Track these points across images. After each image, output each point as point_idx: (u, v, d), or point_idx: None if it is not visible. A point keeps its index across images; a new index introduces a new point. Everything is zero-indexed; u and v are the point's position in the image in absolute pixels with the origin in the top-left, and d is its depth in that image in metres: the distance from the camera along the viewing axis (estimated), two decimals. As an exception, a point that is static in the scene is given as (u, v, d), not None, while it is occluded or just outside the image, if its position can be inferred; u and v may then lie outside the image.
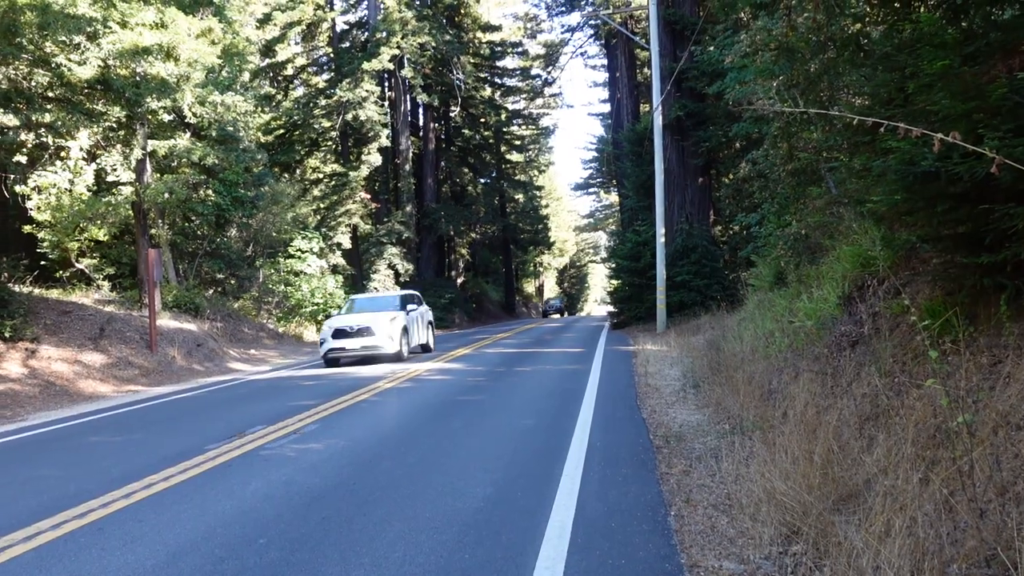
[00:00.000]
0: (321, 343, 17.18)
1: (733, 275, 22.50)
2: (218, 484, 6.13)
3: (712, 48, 18.71)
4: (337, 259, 35.75)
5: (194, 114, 18.19)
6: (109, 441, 8.52)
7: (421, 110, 42.38)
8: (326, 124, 37.39)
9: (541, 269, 76.92)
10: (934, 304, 5.33)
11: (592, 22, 39.62)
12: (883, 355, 5.75)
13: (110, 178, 20.03)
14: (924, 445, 4.31)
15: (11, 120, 13.25)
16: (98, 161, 19.88)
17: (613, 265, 30.16)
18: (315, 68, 42.02)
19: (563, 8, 41.57)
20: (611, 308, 31.90)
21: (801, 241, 11.30)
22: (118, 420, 10.15)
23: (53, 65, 13.30)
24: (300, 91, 40.99)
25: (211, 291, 24.65)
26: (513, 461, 6.67)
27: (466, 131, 45.84)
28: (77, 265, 21.65)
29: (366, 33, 38.66)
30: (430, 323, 20.86)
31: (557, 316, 45.77)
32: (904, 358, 5.55)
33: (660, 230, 22.42)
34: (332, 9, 38.84)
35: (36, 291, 17.38)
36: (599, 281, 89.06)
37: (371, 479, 6.14)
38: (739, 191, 22.58)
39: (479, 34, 44.42)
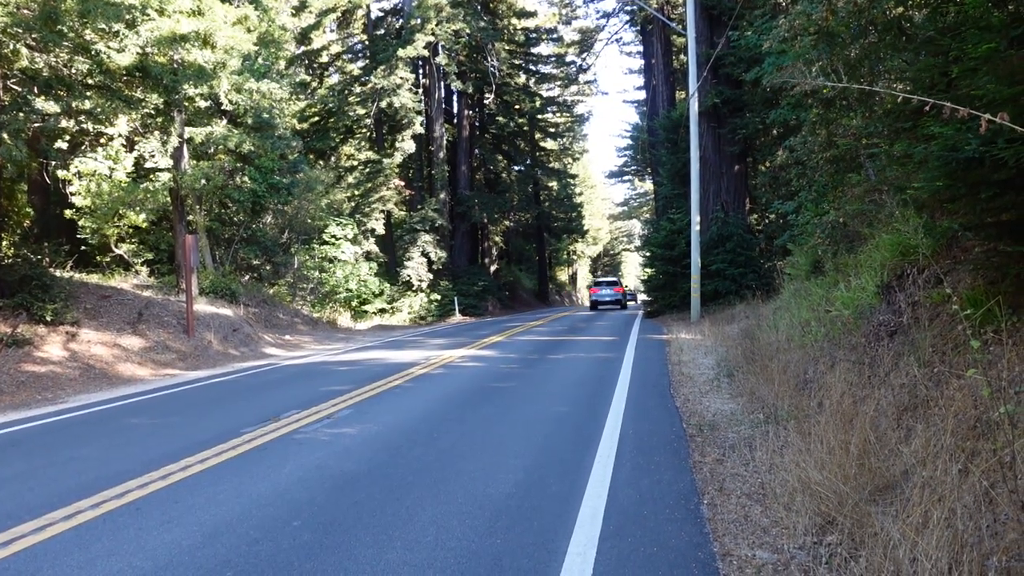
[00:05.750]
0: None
1: (769, 264, 22.25)
2: (253, 467, 6.21)
3: (749, 33, 18.43)
4: (371, 246, 35.97)
5: (230, 101, 18.35)
6: (147, 423, 8.66)
7: (455, 97, 42.37)
8: (360, 111, 37.53)
9: (575, 257, 76.75)
10: (976, 293, 5.22)
11: (628, 8, 39.34)
12: (922, 345, 5.65)
13: (148, 164, 20.30)
14: (964, 436, 4.23)
15: (52, 107, 13.44)
16: (137, 148, 20.15)
17: (647, 253, 29.97)
18: (350, 55, 42.16)
19: (598, -6, 41.20)
20: (645, 296, 31.68)
21: (839, 229, 11.13)
22: (156, 403, 10.31)
23: (92, 52, 13.46)
24: (335, 78, 41.20)
25: (247, 277, 24.93)
26: (545, 448, 6.67)
27: (500, 118, 45.75)
28: (116, 250, 22.01)
29: (401, 20, 38.69)
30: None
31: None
32: (944, 348, 5.45)
33: (695, 218, 22.22)
34: (367, -4, 38.92)
35: (76, 276, 17.68)
36: (633, 269, 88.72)
37: (403, 464, 6.17)
38: (776, 179, 22.31)
39: (514, 20, 44.24)
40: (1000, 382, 3.98)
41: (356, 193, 36.88)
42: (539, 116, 49.36)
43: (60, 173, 20.04)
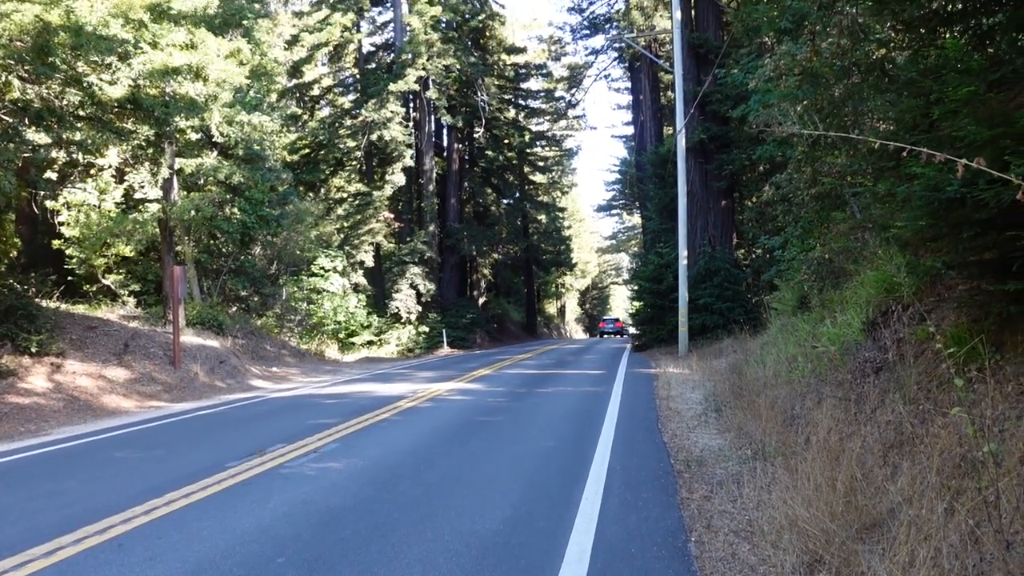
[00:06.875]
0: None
1: (756, 299, 22.39)
2: (238, 502, 6.16)
3: (736, 71, 18.71)
4: (359, 278, 35.93)
5: (221, 133, 18.39)
6: (131, 457, 8.58)
7: (445, 131, 42.63)
8: (351, 144, 37.69)
9: (563, 290, 76.88)
10: (960, 331, 5.26)
11: (616, 45, 39.89)
12: (907, 382, 5.69)
13: (138, 195, 20.32)
14: (949, 474, 4.25)
15: (43, 138, 13.46)
16: (127, 178, 20.16)
17: (635, 287, 30.09)
18: (341, 89, 42.41)
19: (587, 31, 41.81)
20: (633, 330, 31.81)
21: (825, 265, 11.22)
22: (140, 436, 10.22)
23: (84, 84, 13.51)
24: (326, 111, 41.40)
25: (234, 308, 24.83)
26: (532, 483, 6.65)
27: (490, 152, 46.00)
28: (103, 281, 21.93)
29: (392, 55, 39.00)
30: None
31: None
32: (929, 385, 5.49)
33: (683, 252, 22.36)
34: (359, 31, 39.26)
35: (63, 306, 17.58)
36: (621, 303, 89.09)
37: (390, 499, 6.14)
38: (762, 214, 22.50)
39: (504, 56, 44.68)
40: (984, 420, 4.01)
41: (345, 225, 36.90)
42: (528, 150, 49.69)
43: (49, 203, 20.02)
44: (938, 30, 6.42)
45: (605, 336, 56.03)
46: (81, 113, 14.21)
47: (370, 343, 33.74)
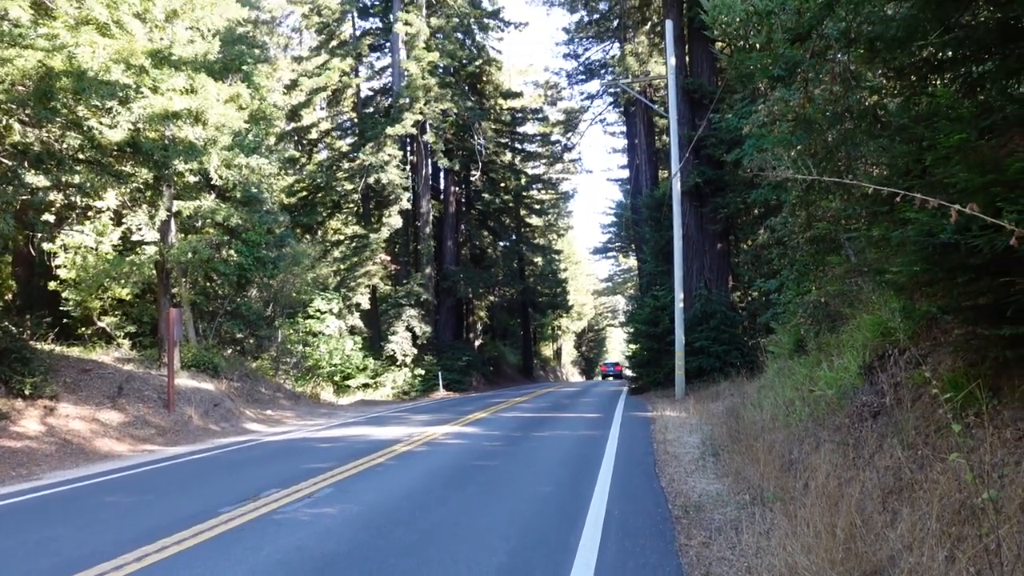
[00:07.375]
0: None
1: (752, 341, 22.36)
2: (230, 549, 6.08)
3: (730, 116, 18.92)
4: (355, 320, 35.88)
5: (220, 176, 18.49)
6: (123, 502, 8.48)
7: (442, 174, 42.93)
8: (348, 187, 37.93)
9: (559, 332, 76.79)
10: (956, 375, 5.26)
11: (611, 90, 40.39)
12: (905, 427, 5.67)
13: (135, 237, 20.34)
14: (949, 521, 4.22)
15: (41, 181, 13.53)
16: (124, 221, 20.21)
17: (631, 330, 30.08)
18: (339, 132, 42.81)
19: (583, 77, 42.48)
20: (629, 372, 31.74)
21: (821, 309, 11.24)
22: (133, 480, 10.12)
23: (85, 128, 13.63)
24: (324, 154, 41.75)
25: (230, 351, 24.73)
26: (529, 529, 6.57)
27: (486, 195, 46.30)
28: (99, 323, 21.85)
29: (390, 99, 39.43)
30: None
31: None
32: (927, 430, 5.47)
33: (679, 295, 22.40)
34: (357, 76, 39.74)
35: (57, 348, 17.52)
36: (617, 345, 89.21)
37: (385, 545, 6.06)
38: (758, 257, 22.59)
39: (500, 101, 45.20)
40: (983, 466, 3.99)
41: (342, 267, 36.98)
42: (524, 193, 50.04)
43: (46, 245, 20.03)
44: (929, 77, 6.52)
45: (606, 378, 60.87)
46: (80, 156, 14.31)
47: (365, 386, 33.59)
